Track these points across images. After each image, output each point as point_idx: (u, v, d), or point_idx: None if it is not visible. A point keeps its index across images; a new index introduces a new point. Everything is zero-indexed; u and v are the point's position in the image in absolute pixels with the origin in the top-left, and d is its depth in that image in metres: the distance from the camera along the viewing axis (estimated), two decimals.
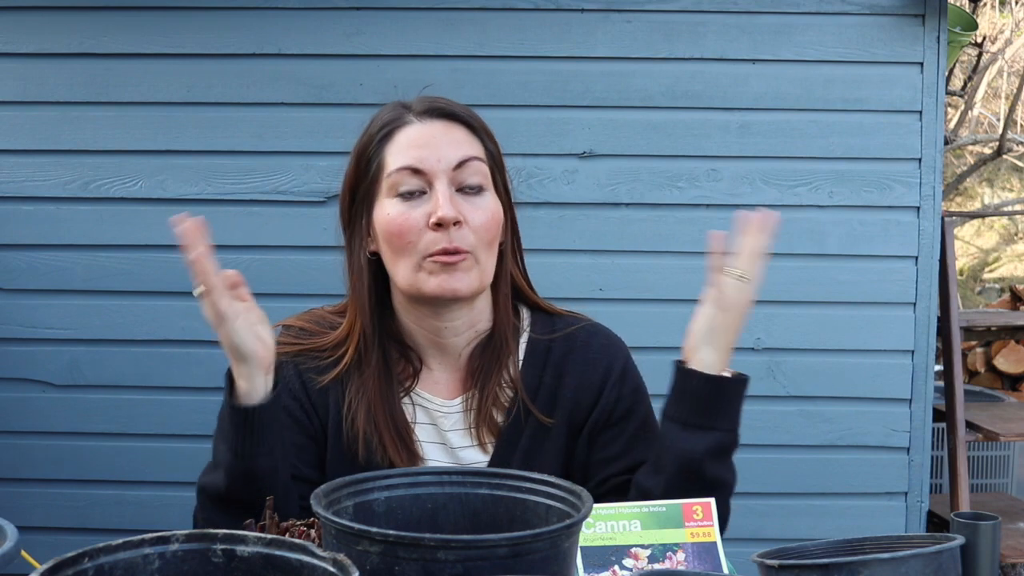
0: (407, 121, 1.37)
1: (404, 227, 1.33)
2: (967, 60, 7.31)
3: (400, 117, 1.38)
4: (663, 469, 1.30)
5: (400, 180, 1.34)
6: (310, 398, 1.40)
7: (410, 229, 1.32)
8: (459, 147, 1.35)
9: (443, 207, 1.30)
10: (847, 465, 2.93)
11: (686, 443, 1.29)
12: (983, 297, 9.73)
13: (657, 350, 2.87)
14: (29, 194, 2.87)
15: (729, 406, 1.31)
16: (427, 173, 1.33)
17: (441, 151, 1.34)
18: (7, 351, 2.89)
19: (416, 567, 0.83)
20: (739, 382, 1.31)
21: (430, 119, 1.37)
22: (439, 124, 1.36)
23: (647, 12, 2.86)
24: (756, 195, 2.89)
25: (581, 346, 1.45)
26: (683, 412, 1.30)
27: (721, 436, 1.30)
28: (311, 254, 2.85)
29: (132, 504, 2.89)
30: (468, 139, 1.37)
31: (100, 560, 0.79)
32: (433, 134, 1.35)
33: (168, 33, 2.85)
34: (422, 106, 1.38)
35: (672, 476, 1.29)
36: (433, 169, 1.33)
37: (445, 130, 1.36)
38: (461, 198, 1.34)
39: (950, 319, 3.17)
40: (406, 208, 1.33)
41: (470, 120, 1.38)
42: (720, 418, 1.30)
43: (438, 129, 1.36)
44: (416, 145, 1.34)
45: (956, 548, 0.98)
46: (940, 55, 2.86)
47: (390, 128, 1.37)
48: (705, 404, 1.29)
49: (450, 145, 1.35)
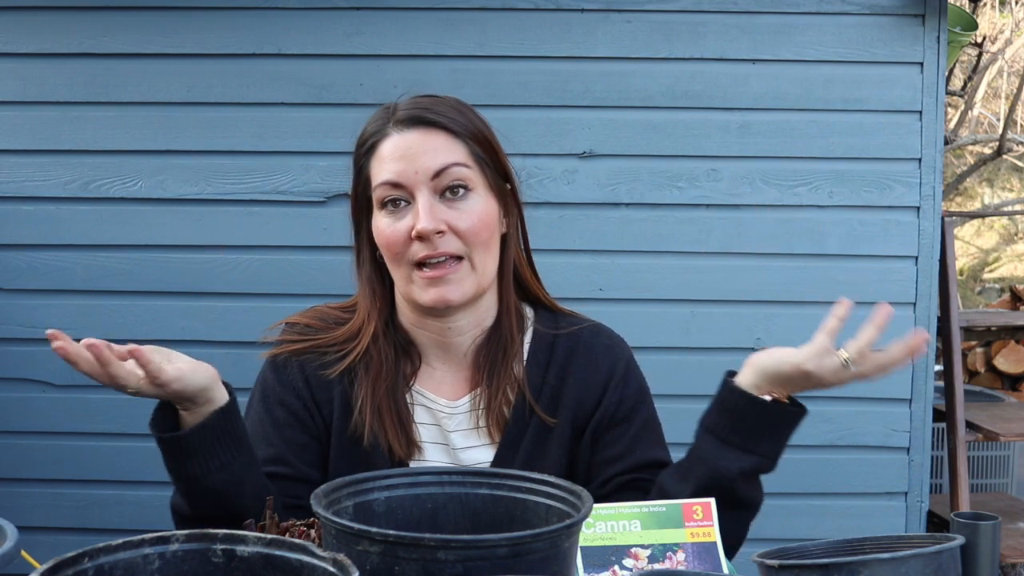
0: (386, 133, 1.37)
1: (391, 239, 1.34)
2: (967, 60, 7.31)
3: (381, 129, 1.38)
4: (692, 478, 1.29)
5: (384, 194, 1.35)
6: (313, 396, 1.41)
7: (396, 241, 1.34)
8: (436, 155, 1.34)
9: (422, 220, 1.31)
10: (847, 465, 2.92)
11: (722, 460, 1.28)
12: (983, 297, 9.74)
13: (657, 350, 2.89)
14: (29, 194, 2.87)
15: (775, 432, 1.29)
16: (406, 186, 1.34)
17: (418, 162, 1.33)
18: (7, 351, 2.89)
19: (416, 567, 0.83)
20: (790, 411, 1.29)
21: (407, 128, 1.36)
22: (415, 133, 1.35)
23: (647, 12, 2.86)
24: (756, 195, 2.89)
25: (585, 346, 1.45)
26: (723, 427, 1.29)
27: (759, 461, 1.29)
28: (311, 254, 2.85)
29: (132, 504, 2.89)
30: (448, 145, 1.35)
31: (100, 560, 0.79)
32: (409, 145, 1.35)
33: (168, 33, 2.85)
34: (401, 114, 1.37)
35: (701, 488, 1.27)
36: (411, 181, 1.33)
37: (422, 139, 1.35)
38: (444, 205, 1.34)
39: (950, 319, 3.17)
40: (392, 220, 1.35)
41: (449, 124, 1.36)
42: (762, 443, 1.28)
43: (415, 139, 1.35)
44: (394, 158, 1.35)
45: (956, 548, 0.98)
46: (940, 55, 2.86)
47: (373, 141, 1.38)
48: (747, 425, 1.27)
49: (427, 154, 1.34)
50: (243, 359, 2.81)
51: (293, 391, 1.40)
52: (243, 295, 2.87)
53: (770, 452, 1.29)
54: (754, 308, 2.90)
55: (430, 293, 1.34)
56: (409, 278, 1.35)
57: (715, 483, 1.27)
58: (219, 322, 2.87)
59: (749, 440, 1.27)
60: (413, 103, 1.39)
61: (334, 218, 2.85)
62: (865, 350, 1.24)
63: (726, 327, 2.89)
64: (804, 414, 1.29)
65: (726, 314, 2.90)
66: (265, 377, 1.43)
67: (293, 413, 1.40)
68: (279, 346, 1.44)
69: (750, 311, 2.90)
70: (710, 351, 2.89)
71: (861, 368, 1.24)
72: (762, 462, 1.29)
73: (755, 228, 2.89)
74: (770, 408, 1.27)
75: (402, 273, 1.36)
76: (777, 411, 1.27)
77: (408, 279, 1.35)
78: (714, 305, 2.90)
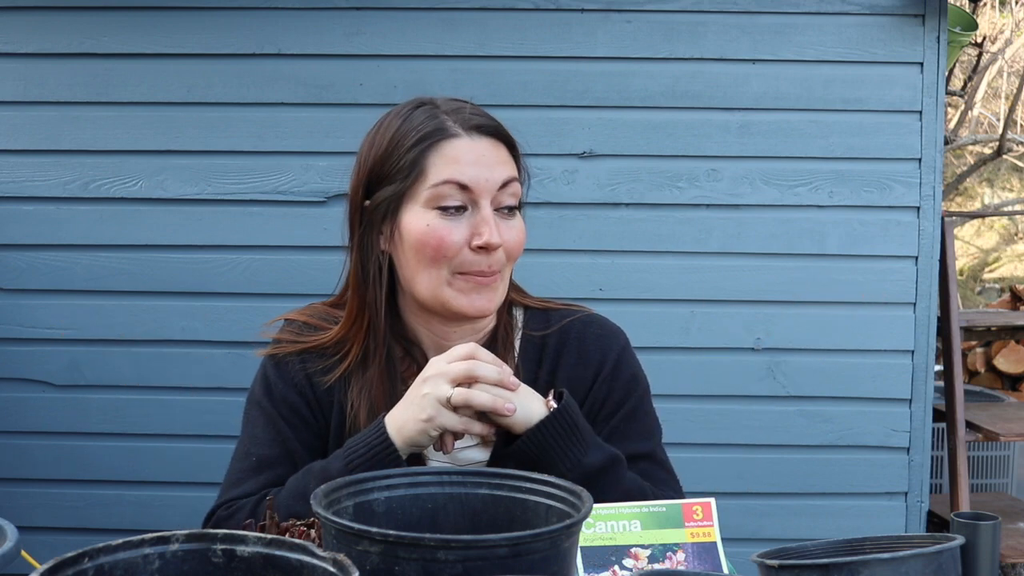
0: (455, 133, 1.35)
1: (444, 242, 1.32)
2: (967, 60, 7.32)
3: (445, 127, 1.35)
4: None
5: (445, 193, 1.33)
6: (316, 396, 1.40)
7: (450, 245, 1.32)
8: (503, 168, 1.36)
9: (492, 233, 1.32)
10: (847, 465, 2.93)
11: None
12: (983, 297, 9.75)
13: (657, 350, 2.89)
14: (29, 194, 2.87)
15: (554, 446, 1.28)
16: (474, 191, 1.33)
17: (490, 171, 1.34)
18: (7, 351, 2.89)
19: (416, 567, 0.83)
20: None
21: (479, 136, 1.35)
22: (487, 142, 1.36)
23: (647, 12, 2.86)
24: (756, 195, 2.89)
25: (575, 339, 1.45)
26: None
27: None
28: (311, 254, 2.85)
29: (132, 504, 2.90)
30: (509, 160, 1.38)
31: (100, 560, 0.79)
32: (483, 152, 1.35)
33: (168, 33, 2.85)
34: (470, 120, 1.36)
35: None
36: (481, 188, 1.33)
37: (493, 149, 1.36)
38: (499, 219, 1.35)
39: (950, 319, 3.18)
40: (447, 223, 1.32)
41: (511, 140, 1.39)
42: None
43: (487, 147, 1.35)
44: (466, 162, 1.33)
45: (956, 548, 0.98)
46: (940, 55, 2.86)
47: (438, 137, 1.34)
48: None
49: (497, 165, 1.35)
50: (243, 359, 2.85)
51: (295, 389, 1.40)
52: (243, 295, 2.87)
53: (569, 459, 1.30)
54: (754, 308, 2.90)
55: (470, 299, 1.34)
56: (447, 282, 1.34)
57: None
58: (219, 322, 2.87)
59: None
60: (476, 111, 1.38)
61: (334, 218, 2.84)
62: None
63: (726, 327, 2.89)
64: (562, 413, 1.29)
65: (726, 314, 2.90)
66: (266, 375, 1.43)
67: (297, 411, 1.40)
68: (278, 345, 1.43)
69: (750, 311, 2.90)
70: (710, 351, 2.90)
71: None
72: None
73: (755, 228, 2.89)
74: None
75: (438, 275, 1.34)
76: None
77: (445, 282, 1.34)
78: (714, 305, 2.90)
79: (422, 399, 1.25)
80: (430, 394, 1.24)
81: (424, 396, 1.25)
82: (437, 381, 1.25)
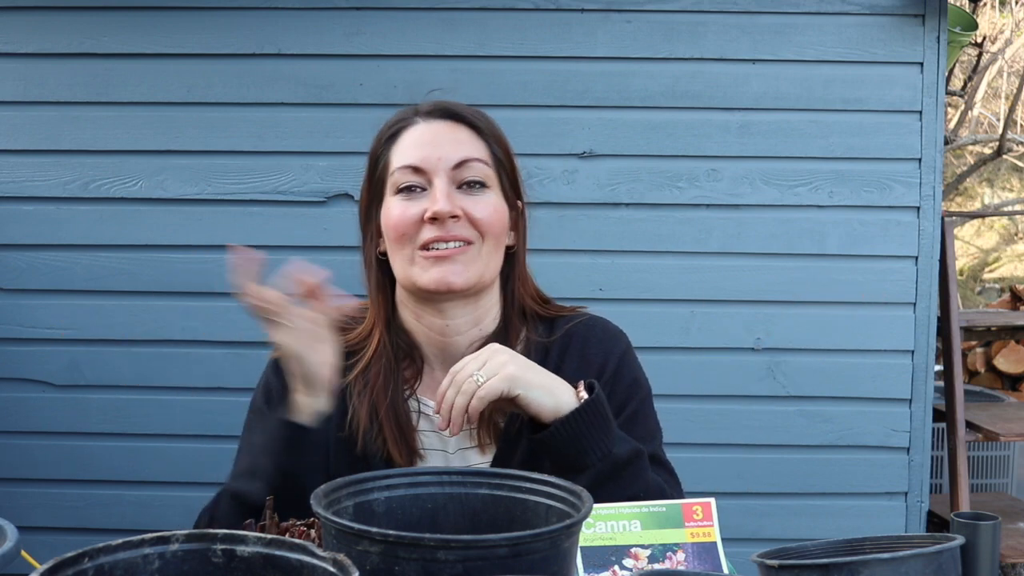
0: (412, 121, 1.40)
1: (401, 220, 1.35)
2: (967, 60, 7.31)
3: (407, 118, 1.40)
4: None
5: (402, 178, 1.36)
6: None
7: (407, 222, 1.34)
8: (460, 147, 1.37)
9: (439, 201, 1.32)
10: (847, 465, 2.93)
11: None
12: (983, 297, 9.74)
13: (657, 350, 2.89)
14: (29, 194, 2.87)
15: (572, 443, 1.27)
16: (427, 171, 1.35)
17: (442, 149, 1.36)
18: (7, 351, 2.89)
19: (416, 567, 0.83)
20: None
21: (434, 119, 1.39)
22: (442, 124, 1.38)
23: (647, 12, 2.86)
24: (756, 195, 2.89)
25: (578, 342, 1.44)
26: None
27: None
28: (311, 254, 2.81)
29: (132, 504, 2.90)
30: (472, 140, 1.38)
31: (100, 560, 0.78)
32: (436, 132, 1.38)
33: (168, 33, 2.85)
34: (428, 106, 1.40)
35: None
36: (433, 167, 1.35)
37: (448, 129, 1.38)
38: (461, 194, 1.36)
39: (950, 319, 3.17)
40: (406, 203, 1.36)
41: (476, 122, 1.40)
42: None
43: (441, 128, 1.38)
44: (418, 144, 1.37)
45: (956, 548, 0.98)
46: (940, 55, 2.86)
47: (396, 128, 1.40)
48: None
49: (452, 144, 1.37)
50: (243, 359, 2.85)
51: None
52: None
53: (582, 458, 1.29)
54: (754, 308, 2.90)
55: (432, 273, 1.34)
56: (411, 259, 1.35)
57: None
58: (219, 322, 2.86)
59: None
60: (444, 102, 1.41)
61: (334, 218, 2.85)
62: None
63: (726, 327, 2.89)
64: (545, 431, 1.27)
65: (726, 314, 2.90)
66: (267, 380, 1.43)
67: None
68: None
69: (750, 311, 2.90)
70: (710, 351, 2.89)
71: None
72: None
73: (755, 228, 2.89)
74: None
75: (404, 255, 1.36)
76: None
77: (410, 260, 1.35)
78: (714, 305, 2.90)
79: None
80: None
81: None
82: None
